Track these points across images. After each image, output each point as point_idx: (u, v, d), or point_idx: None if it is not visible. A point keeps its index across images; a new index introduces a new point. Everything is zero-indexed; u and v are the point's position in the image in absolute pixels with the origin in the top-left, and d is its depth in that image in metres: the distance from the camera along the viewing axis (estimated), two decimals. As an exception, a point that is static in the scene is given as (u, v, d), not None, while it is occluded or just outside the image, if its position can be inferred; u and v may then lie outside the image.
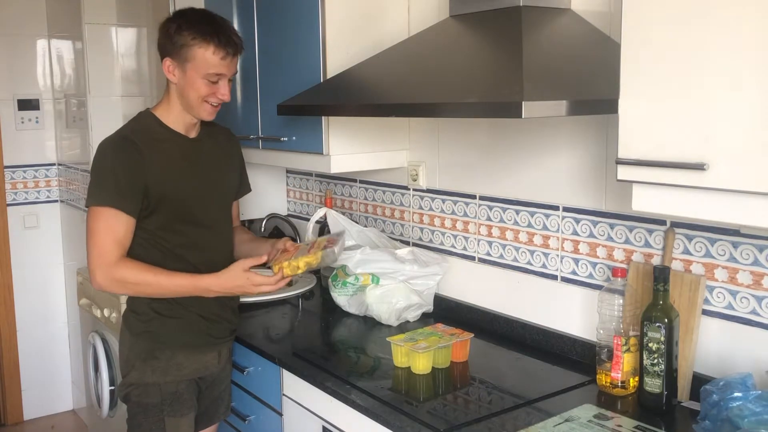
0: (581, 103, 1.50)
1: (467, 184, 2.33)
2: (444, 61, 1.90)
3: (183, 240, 1.97)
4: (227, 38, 1.91)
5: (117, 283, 1.88)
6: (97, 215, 1.87)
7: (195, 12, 1.97)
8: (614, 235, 1.90)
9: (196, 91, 1.92)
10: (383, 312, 2.29)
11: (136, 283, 1.89)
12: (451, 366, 1.94)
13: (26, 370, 4.07)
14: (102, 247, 1.86)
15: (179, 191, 1.96)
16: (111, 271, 1.86)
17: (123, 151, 1.90)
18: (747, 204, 1.25)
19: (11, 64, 3.92)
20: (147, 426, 1.99)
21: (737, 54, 1.23)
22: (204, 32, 1.88)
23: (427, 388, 1.84)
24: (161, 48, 1.95)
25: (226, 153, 2.15)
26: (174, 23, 1.92)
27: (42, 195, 4.08)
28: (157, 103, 2.03)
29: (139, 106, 3.43)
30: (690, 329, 1.70)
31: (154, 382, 1.98)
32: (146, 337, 2.00)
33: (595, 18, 1.86)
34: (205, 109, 1.96)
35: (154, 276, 1.89)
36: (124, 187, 1.87)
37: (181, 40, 1.89)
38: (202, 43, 1.88)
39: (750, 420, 1.38)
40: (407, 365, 1.91)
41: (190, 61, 1.89)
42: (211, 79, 1.91)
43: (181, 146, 2.00)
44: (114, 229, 1.86)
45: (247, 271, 1.91)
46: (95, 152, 1.96)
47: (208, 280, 1.93)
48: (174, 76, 1.93)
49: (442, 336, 1.96)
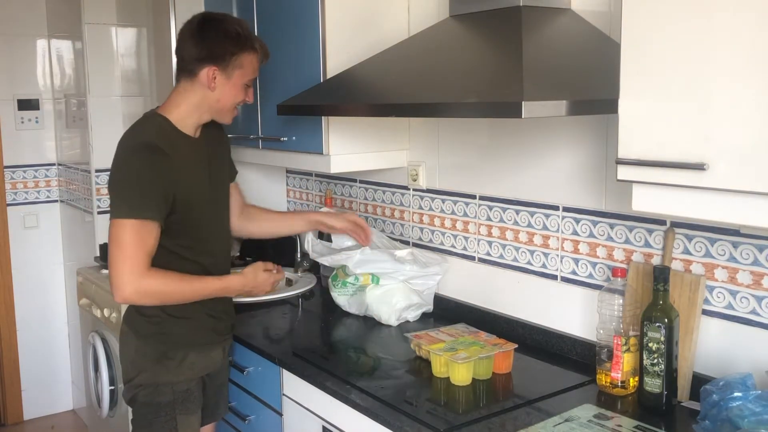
0: (581, 103, 1.50)
1: (467, 184, 2.33)
2: (444, 61, 1.90)
3: (196, 243, 1.97)
4: (261, 43, 1.98)
5: (148, 295, 1.86)
6: (127, 228, 1.80)
7: (230, 19, 1.97)
8: (614, 235, 1.90)
9: (235, 97, 1.95)
10: (383, 312, 2.29)
11: (168, 292, 1.88)
12: (493, 377, 1.87)
13: (26, 370, 4.07)
14: (133, 261, 1.80)
15: (198, 196, 1.95)
16: (141, 284, 1.81)
17: (151, 157, 1.84)
18: (747, 204, 1.25)
19: (11, 64, 3.92)
20: (158, 425, 1.98)
21: (737, 54, 1.23)
22: (248, 39, 1.93)
23: (466, 401, 1.77)
24: (202, 58, 1.89)
25: (219, 146, 2.13)
26: (215, 31, 1.90)
27: (42, 195, 4.08)
28: (164, 105, 1.98)
29: (139, 106, 3.43)
30: (690, 329, 1.70)
31: (167, 382, 1.98)
32: (157, 338, 1.99)
33: (595, 18, 1.86)
34: (233, 114, 2.01)
35: (184, 284, 1.90)
36: (156, 195, 1.82)
37: (230, 48, 1.89)
38: (251, 51, 1.93)
39: (750, 420, 1.38)
40: (446, 375, 1.84)
41: (239, 68, 1.91)
42: (249, 84, 1.97)
43: (194, 149, 1.98)
44: (145, 240, 1.81)
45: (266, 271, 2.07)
46: (116, 161, 1.88)
47: (236, 280, 2.02)
48: (214, 83, 1.90)
49: (484, 346, 1.90)
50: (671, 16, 1.32)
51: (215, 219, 2.04)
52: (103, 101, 3.55)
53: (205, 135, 2.05)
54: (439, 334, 2.01)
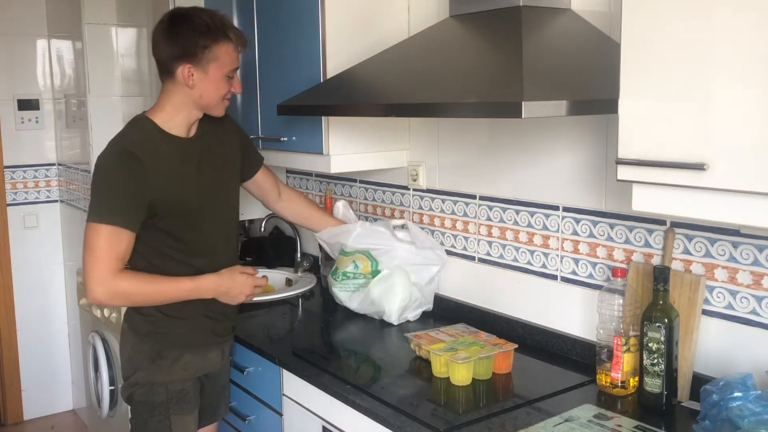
0: (581, 103, 1.50)
1: (467, 184, 2.33)
2: (444, 61, 1.90)
3: (186, 244, 1.96)
4: (238, 32, 1.92)
5: (118, 296, 1.88)
6: (98, 232, 1.83)
7: (200, 11, 1.92)
8: (614, 235, 1.90)
9: (218, 90, 1.91)
10: (385, 306, 2.29)
11: (137, 293, 1.89)
12: (493, 377, 1.87)
13: (26, 370, 4.07)
14: (102, 264, 1.82)
15: (185, 198, 1.93)
16: (111, 285, 1.83)
17: (125, 165, 1.84)
18: (747, 204, 1.25)
19: (11, 64, 3.92)
20: (153, 424, 1.99)
21: (737, 54, 1.23)
22: (220, 30, 1.87)
23: (466, 401, 1.77)
24: (175, 56, 1.87)
25: (221, 143, 2.08)
26: (184, 26, 1.86)
27: (42, 195, 4.08)
28: (153, 108, 1.97)
29: (139, 106, 3.43)
30: (690, 329, 1.70)
31: (161, 381, 1.98)
32: (153, 337, 1.99)
33: (595, 18, 1.85)
34: (224, 105, 1.98)
35: (154, 284, 1.90)
36: (128, 202, 1.84)
37: (201, 42, 1.85)
38: (224, 41, 1.87)
39: (750, 420, 1.38)
40: (446, 375, 1.84)
41: (214, 61, 1.87)
42: (230, 75, 1.92)
43: (182, 150, 1.96)
44: (115, 245, 1.83)
45: (244, 274, 2.01)
46: (96, 165, 1.90)
47: (209, 280, 1.95)
48: (192, 80, 1.88)
49: (484, 346, 1.90)
50: (671, 16, 1.32)
51: (211, 219, 2.01)
52: (103, 101, 3.55)
53: (205, 133, 2.03)
54: (439, 334, 2.01)
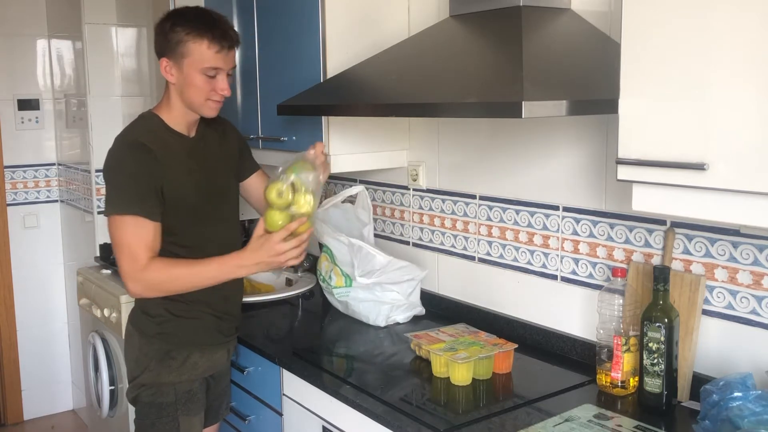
0: (581, 103, 1.50)
1: (467, 184, 2.33)
2: (444, 61, 1.90)
3: (189, 241, 1.96)
4: (222, 32, 1.90)
5: (154, 288, 1.88)
6: (120, 224, 1.83)
7: (189, 9, 1.95)
8: (614, 235, 1.90)
9: (196, 87, 1.91)
10: (370, 313, 2.30)
11: (171, 279, 1.87)
12: (493, 377, 1.88)
13: (26, 370, 4.07)
14: (135, 255, 1.82)
15: (190, 192, 1.95)
16: (143, 278, 1.83)
17: (139, 155, 1.86)
18: (747, 204, 1.25)
19: (11, 64, 3.92)
20: (161, 426, 1.98)
21: (737, 54, 1.23)
22: (198, 27, 1.88)
23: (466, 401, 1.77)
24: (157, 49, 1.93)
25: (223, 144, 2.11)
26: (168, 22, 1.91)
27: (42, 195, 4.08)
28: (157, 105, 2.01)
29: (139, 106, 3.43)
30: (690, 329, 1.70)
31: (170, 382, 1.98)
32: (161, 338, 1.99)
33: (595, 18, 1.86)
34: (209, 106, 1.95)
35: (186, 268, 1.88)
36: (146, 192, 1.84)
37: (176, 37, 1.88)
38: (196, 38, 1.87)
39: (750, 420, 1.38)
40: (446, 375, 1.85)
41: (187, 57, 1.88)
42: (209, 73, 1.90)
43: (186, 147, 1.98)
44: (139, 235, 1.83)
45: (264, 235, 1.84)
46: (107, 159, 1.91)
47: (236, 258, 1.88)
48: (172, 75, 1.92)
49: (484, 346, 1.91)
50: (671, 15, 1.32)
51: (212, 219, 2.02)
52: (103, 101, 3.55)
53: (205, 135, 2.05)
54: (439, 334, 2.01)
